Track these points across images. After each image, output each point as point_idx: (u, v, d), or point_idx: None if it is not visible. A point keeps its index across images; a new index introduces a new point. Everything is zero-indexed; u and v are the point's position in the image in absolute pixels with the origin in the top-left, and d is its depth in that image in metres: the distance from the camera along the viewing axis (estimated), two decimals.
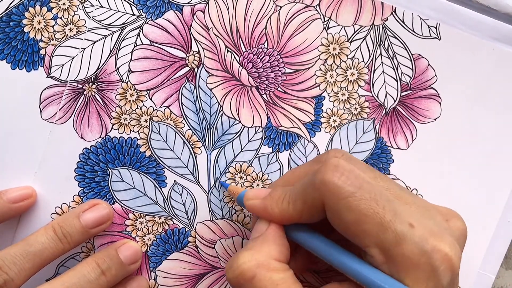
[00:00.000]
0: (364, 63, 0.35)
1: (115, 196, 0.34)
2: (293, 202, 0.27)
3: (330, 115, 0.35)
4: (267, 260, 0.26)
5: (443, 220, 0.26)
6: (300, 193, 0.27)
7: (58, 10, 0.33)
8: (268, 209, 0.28)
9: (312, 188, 0.26)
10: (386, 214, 0.24)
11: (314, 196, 0.25)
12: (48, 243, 0.31)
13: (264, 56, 0.34)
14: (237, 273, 0.25)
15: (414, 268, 0.23)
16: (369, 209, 0.24)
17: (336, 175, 0.25)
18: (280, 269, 0.26)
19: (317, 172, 0.26)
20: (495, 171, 0.36)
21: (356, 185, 0.25)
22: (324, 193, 0.25)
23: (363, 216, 0.24)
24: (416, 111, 0.35)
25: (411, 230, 0.24)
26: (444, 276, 0.23)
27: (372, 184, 0.25)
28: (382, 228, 0.24)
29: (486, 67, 0.35)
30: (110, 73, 0.34)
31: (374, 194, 0.24)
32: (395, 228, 0.24)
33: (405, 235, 0.23)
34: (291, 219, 0.27)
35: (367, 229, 0.24)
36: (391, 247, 0.24)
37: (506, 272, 0.38)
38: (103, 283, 0.31)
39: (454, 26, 0.35)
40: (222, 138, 0.35)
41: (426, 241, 0.23)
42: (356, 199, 0.24)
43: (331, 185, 0.25)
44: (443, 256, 0.23)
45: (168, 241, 0.35)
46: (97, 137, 0.34)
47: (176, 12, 0.34)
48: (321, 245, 0.27)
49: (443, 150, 0.35)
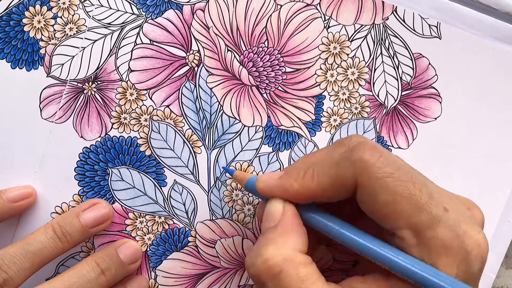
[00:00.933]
0: (365, 62, 0.35)
1: (115, 196, 0.34)
2: (318, 176, 0.26)
3: (330, 114, 0.35)
4: (293, 254, 0.25)
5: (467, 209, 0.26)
6: (331, 168, 0.26)
7: (58, 9, 0.33)
8: (287, 186, 0.27)
9: (347, 164, 0.25)
10: (422, 196, 0.24)
11: (348, 173, 0.25)
12: (47, 242, 0.30)
13: (264, 55, 0.34)
14: (263, 269, 0.25)
15: (447, 252, 0.23)
16: (406, 191, 0.24)
17: (375, 155, 0.25)
18: (306, 263, 0.25)
19: (354, 150, 0.25)
20: (495, 171, 0.35)
21: (395, 166, 0.24)
22: (361, 171, 0.25)
23: (399, 197, 0.24)
24: (417, 110, 0.35)
25: (446, 214, 0.24)
26: (475, 261, 0.23)
27: (407, 167, 0.25)
28: (417, 210, 0.24)
29: (487, 66, 0.35)
30: (110, 72, 0.34)
31: (411, 177, 0.24)
32: (431, 210, 0.24)
33: (440, 218, 0.23)
34: (311, 195, 0.26)
35: (401, 210, 0.24)
36: (425, 229, 0.23)
37: (506, 272, 0.38)
38: (102, 282, 0.31)
39: (454, 26, 0.35)
40: (222, 138, 0.35)
41: (459, 226, 0.23)
42: (394, 180, 0.24)
43: (369, 164, 0.24)
44: (475, 241, 0.23)
45: (168, 240, 0.35)
46: (97, 137, 0.34)
47: (176, 11, 0.34)
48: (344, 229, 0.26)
49: (443, 150, 0.35)
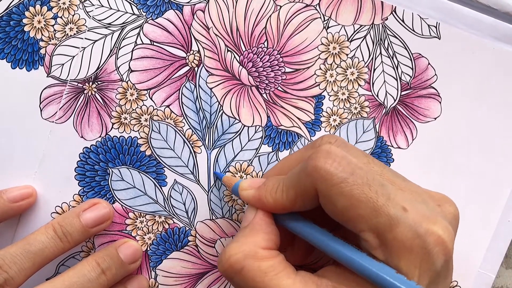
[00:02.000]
0: (364, 62, 0.35)
1: (115, 195, 0.34)
2: (286, 190, 0.27)
3: (330, 114, 0.35)
4: (254, 250, 0.26)
5: (436, 205, 0.26)
6: (293, 181, 0.27)
7: (58, 10, 0.33)
8: (263, 199, 0.28)
9: (304, 175, 0.26)
10: (379, 198, 0.24)
11: (307, 183, 0.25)
12: (48, 242, 0.31)
13: (264, 56, 0.34)
14: (227, 267, 0.26)
15: (408, 252, 0.23)
16: (362, 194, 0.24)
17: (328, 161, 0.25)
18: (268, 256, 0.26)
19: (309, 159, 0.26)
20: (495, 171, 0.36)
21: (348, 171, 0.24)
22: (316, 179, 0.25)
23: (356, 201, 0.24)
24: (416, 110, 0.35)
25: (404, 214, 0.24)
26: (437, 259, 0.23)
27: (364, 170, 0.25)
28: (375, 212, 0.24)
29: (486, 66, 0.35)
30: (110, 73, 0.34)
31: (367, 179, 0.24)
32: (389, 212, 0.24)
33: (398, 219, 0.24)
34: (285, 208, 0.27)
35: (360, 214, 0.24)
36: (385, 231, 0.24)
37: (506, 272, 0.38)
38: (103, 282, 0.31)
39: (454, 26, 0.35)
40: (222, 137, 0.35)
41: (420, 225, 0.24)
42: (348, 185, 0.24)
43: (323, 172, 0.25)
44: (436, 239, 0.23)
45: (168, 240, 0.35)
46: (97, 137, 0.34)
47: (176, 11, 0.34)
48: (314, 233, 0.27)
49: (443, 150, 0.35)
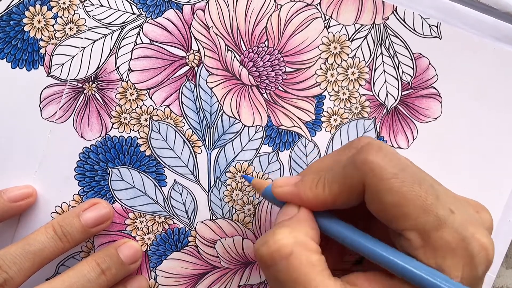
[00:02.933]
0: (365, 62, 0.35)
1: (115, 196, 0.34)
2: (329, 185, 0.26)
3: (330, 114, 0.35)
4: (306, 239, 0.25)
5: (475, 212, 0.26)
6: (339, 175, 0.26)
7: (58, 9, 0.33)
8: (301, 194, 0.27)
9: (353, 168, 0.25)
10: (428, 197, 0.24)
11: (354, 177, 0.25)
12: (48, 242, 0.30)
13: (264, 55, 0.34)
14: (273, 249, 0.24)
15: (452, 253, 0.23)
16: (412, 192, 0.24)
17: (380, 155, 0.24)
18: (317, 250, 0.25)
19: (359, 152, 0.25)
20: (495, 171, 0.35)
21: (400, 167, 0.24)
22: (366, 173, 0.24)
23: (405, 198, 0.23)
24: (417, 110, 0.35)
25: (452, 216, 0.23)
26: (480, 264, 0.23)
27: (414, 169, 0.25)
28: (423, 211, 0.23)
29: (487, 66, 0.35)
30: (110, 72, 0.34)
31: (417, 178, 0.24)
32: (437, 212, 0.23)
33: (446, 220, 0.23)
34: (325, 204, 0.26)
35: (407, 211, 0.23)
36: (431, 231, 0.23)
37: (506, 271, 0.38)
38: (103, 282, 0.31)
39: (455, 25, 0.35)
40: (223, 137, 0.35)
41: (466, 228, 0.23)
42: (399, 181, 0.24)
43: (374, 165, 0.24)
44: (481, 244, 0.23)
45: (168, 240, 0.35)
46: (97, 136, 0.34)
47: (176, 11, 0.34)
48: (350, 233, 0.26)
49: (443, 150, 0.35)
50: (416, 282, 0.23)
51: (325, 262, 0.25)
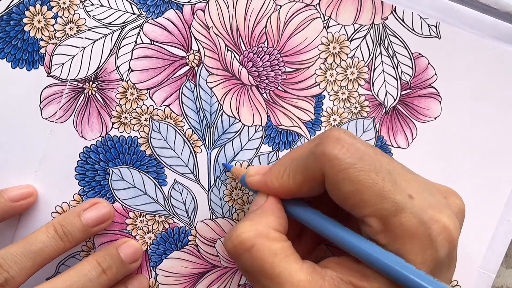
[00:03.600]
0: (364, 62, 0.35)
1: (115, 195, 0.34)
2: (293, 175, 0.27)
3: (330, 114, 0.35)
4: (266, 230, 0.26)
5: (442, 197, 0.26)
6: (301, 166, 0.27)
7: (58, 9, 0.33)
8: (268, 183, 0.28)
9: (312, 160, 0.26)
10: (385, 184, 0.24)
11: (315, 168, 0.26)
12: (48, 241, 0.31)
13: (264, 55, 0.34)
14: (236, 243, 0.26)
15: (412, 238, 0.23)
16: (368, 180, 0.24)
17: (337, 147, 0.25)
18: (279, 239, 0.26)
19: (318, 144, 0.26)
20: (495, 170, 0.36)
21: (356, 157, 0.25)
22: (324, 164, 0.25)
23: (362, 186, 0.24)
24: (416, 110, 0.35)
25: (410, 201, 0.24)
26: (441, 247, 0.24)
27: (372, 157, 0.25)
28: (381, 198, 0.24)
29: (486, 66, 0.35)
30: (111, 72, 0.34)
31: (374, 166, 0.25)
32: (394, 197, 0.24)
33: (404, 205, 0.24)
34: (290, 193, 0.28)
35: (366, 199, 0.24)
36: (390, 217, 0.24)
37: (506, 271, 0.38)
38: (103, 281, 0.31)
39: (454, 25, 0.35)
40: (222, 137, 0.35)
41: (425, 212, 0.24)
42: (356, 170, 0.24)
43: (331, 157, 0.25)
44: (441, 226, 0.24)
45: (169, 239, 0.35)
46: (98, 136, 0.34)
47: (177, 11, 0.34)
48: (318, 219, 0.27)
49: (443, 149, 0.35)
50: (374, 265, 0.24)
51: (290, 248, 0.26)
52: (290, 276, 0.24)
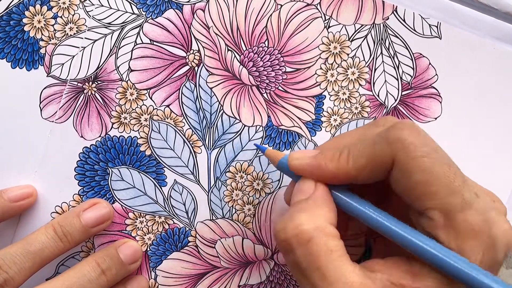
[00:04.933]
0: (365, 62, 0.35)
1: (115, 195, 0.34)
2: (355, 158, 0.26)
3: (330, 114, 0.35)
4: (325, 224, 0.25)
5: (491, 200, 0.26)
6: (366, 149, 0.26)
7: (58, 9, 0.33)
8: (322, 166, 0.26)
9: (384, 143, 0.25)
10: (456, 179, 0.24)
11: (385, 153, 0.25)
12: (48, 242, 0.30)
13: (264, 55, 0.34)
14: (292, 234, 0.24)
15: (475, 236, 0.23)
16: (442, 172, 0.24)
17: (414, 133, 0.25)
18: (335, 235, 0.25)
19: (392, 129, 0.25)
20: (495, 171, 0.35)
21: (432, 147, 0.24)
22: (398, 150, 0.24)
23: (434, 177, 0.24)
24: (417, 110, 0.35)
25: (477, 199, 0.24)
26: (501, 249, 0.24)
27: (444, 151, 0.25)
28: (451, 192, 0.24)
29: (487, 66, 0.35)
30: (110, 72, 0.34)
31: (447, 159, 0.24)
32: (463, 193, 0.24)
33: (472, 202, 0.24)
34: (347, 177, 0.26)
35: (435, 190, 0.24)
36: (456, 212, 0.23)
37: (506, 271, 0.37)
38: (103, 282, 0.31)
39: (455, 25, 0.35)
40: (223, 137, 0.35)
41: (489, 213, 0.24)
42: (430, 160, 0.24)
43: (407, 142, 0.24)
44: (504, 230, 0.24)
45: (168, 240, 0.35)
46: (97, 136, 0.34)
47: (176, 10, 0.34)
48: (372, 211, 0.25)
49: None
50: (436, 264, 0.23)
51: (343, 247, 0.25)
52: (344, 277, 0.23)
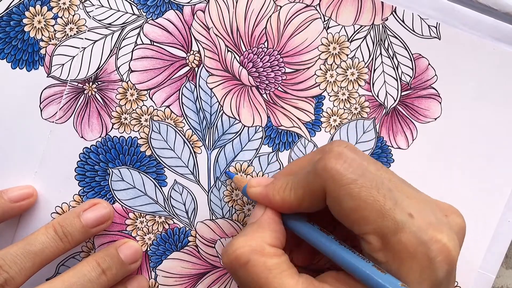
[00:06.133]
0: (364, 62, 0.35)
1: (115, 196, 0.34)
2: (294, 189, 0.27)
3: (330, 114, 0.35)
4: (261, 245, 0.26)
5: (443, 215, 0.26)
6: (302, 180, 0.27)
7: (58, 10, 0.33)
8: (270, 196, 0.28)
9: (314, 174, 0.26)
10: (386, 202, 0.24)
11: (316, 183, 0.26)
12: (48, 242, 0.31)
13: (264, 56, 0.34)
14: (232, 258, 0.26)
15: (411, 258, 0.23)
16: (370, 197, 0.24)
17: (339, 162, 0.25)
18: (274, 254, 0.26)
19: (320, 159, 0.26)
20: (495, 171, 0.35)
21: (358, 173, 0.25)
22: (325, 179, 0.25)
23: (363, 203, 0.24)
24: (417, 110, 0.35)
25: (410, 220, 0.24)
26: (440, 267, 0.23)
27: (373, 173, 0.25)
28: (381, 216, 0.24)
29: (486, 67, 0.35)
30: (111, 73, 0.34)
31: (376, 183, 0.25)
32: (395, 216, 0.24)
33: (404, 224, 0.24)
34: (291, 207, 0.27)
35: (366, 216, 0.24)
36: (389, 235, 0.24)
37: (506, 272, 0.38)
38: (103, 282, 0.31)
39: (454, 26, 0.35)
40: (222, 138, 0.35)
41: (425, 232, 0.24)
42: (357, 186, 0.24)
43: (333, 172, 0.25)
44: (441, 247, 0.24)
45: (168, 240, 0.35)
46: (97, 137, 0.34)
47: (177, 11, 0.34)
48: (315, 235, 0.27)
49: (443, 150, 0.35)
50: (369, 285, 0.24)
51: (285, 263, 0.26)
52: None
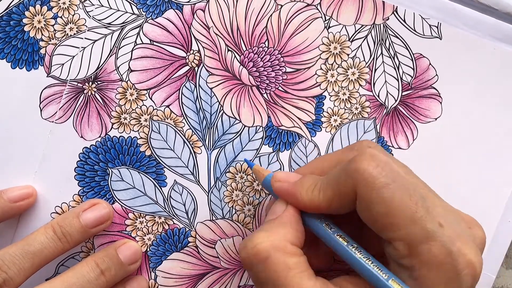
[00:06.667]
0: (365, 62, 0.35)
1: (115, 196, 0.34)
2: (323, 190, 0.26)
3: (331, 114, 0.35)
4: (283, 243, 0.25)
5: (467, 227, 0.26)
6: (332, 182, 0.26)
7: (58, 9, 0.33)
8: (297, 195, 0.27)
9: (345, 176, 0.25)
10: (418, 209, 0.24)
11: (347, 185, 0.25)
12: (47, 242, 0.30)
13: (264, 55, 0.34)
14: (252, 253, 0.25)
15: (438, 267, 0.23)
16: (402, 203, 0.24)
17: (372, 164, 0.24)
18: (295, 253, 0.25)
19: (352, 161, 0.25)
20: (495, 171, 0.35)
21: (391, 177, 0.24)
22: (358, 182, 0.25)
23: (395, 209, 0.24)
24: (417, 110, 0.35)
25: (440, 229, 0.24)
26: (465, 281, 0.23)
27: (406, 179, 0.25)
28: (412, 223, 0.24)
29: (487, 67, 0.35)
30: (110, 72, 0.34)
31: (408, 189, 0.24)
32: (426, 224, 0.24)
33: (434, 233, 0.23)
34: (319, 208, 0.27)
35: (396, 222, 0.24)
36: (418, 243, 0.23)
37: (506, 272, 0.37)
38: (102, 283, 0.31)
39: (455, 26, 0.35)
40: (223, 138, 0.35)
41: (453, 243, 0.23)
42: (390, 191, 0.24)
43: (366, 174, 0.24)
44: (468, 261, 0.23)
45: (168, 241, 0.35)
46: (97, 137, 0.34)
47: (176, 11, 0.34)
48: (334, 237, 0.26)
49: (443, 150, 0.35)
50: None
51: (305, 263, 0.25)
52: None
